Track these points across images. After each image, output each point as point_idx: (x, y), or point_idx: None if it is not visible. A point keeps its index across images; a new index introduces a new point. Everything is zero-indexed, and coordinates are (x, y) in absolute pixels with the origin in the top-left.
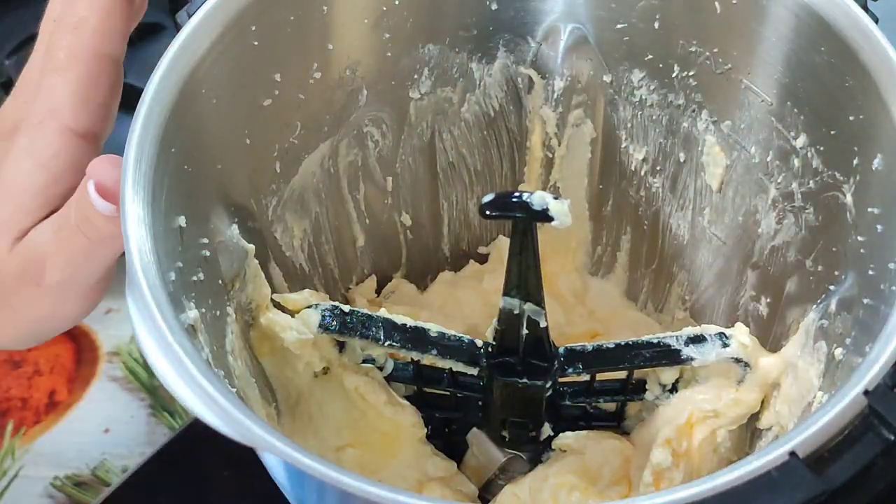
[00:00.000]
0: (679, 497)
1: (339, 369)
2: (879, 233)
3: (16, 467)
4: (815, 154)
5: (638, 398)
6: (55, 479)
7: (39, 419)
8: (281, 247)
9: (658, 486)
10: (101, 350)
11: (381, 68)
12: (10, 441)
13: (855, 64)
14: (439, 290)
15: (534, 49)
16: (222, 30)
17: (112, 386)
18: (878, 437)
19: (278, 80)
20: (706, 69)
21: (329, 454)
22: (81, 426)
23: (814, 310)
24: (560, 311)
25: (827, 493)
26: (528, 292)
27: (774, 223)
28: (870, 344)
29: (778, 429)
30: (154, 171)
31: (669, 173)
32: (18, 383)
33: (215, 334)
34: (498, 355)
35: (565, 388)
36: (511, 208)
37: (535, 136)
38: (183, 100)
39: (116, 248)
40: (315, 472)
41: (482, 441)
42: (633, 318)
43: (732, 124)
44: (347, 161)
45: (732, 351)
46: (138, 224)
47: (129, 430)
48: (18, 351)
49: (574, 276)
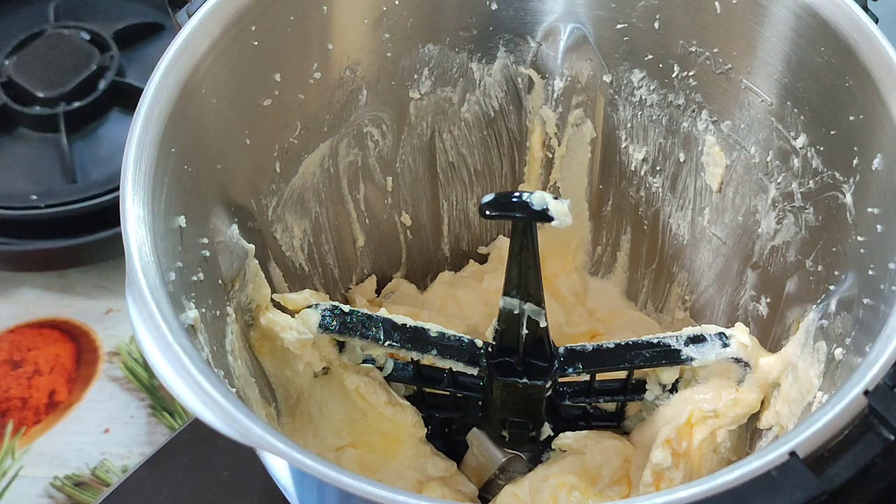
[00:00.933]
0: (679, 497)
1: (340, 369)
2: (879, 233)
3: (16, 467)
4: (815, 154)
5: (638, 398)
6: (55, 479)
7: (39, 419)
8: (281, 247)
9: (658, 486)
10: (101, 350)
11: (381, 68)
12: (10, 441)
13: (855, 64)
14: (439, 290)
15: (534, 49)
16: (222, 30)
17: (112, 386)
18: (878, 437)
19: (278, 80)
20: (706, 69)
21: (329, 454)
22: (81, 426)
23: (814, 310)
24: (560, 311)
25: (827, 493)
26: (528, 292)
27: (774, 223)
28: (870, 344)
29: (778, 429)
30: (154, 171)
31: (669, 173)
32: (18, 383)
33: (215, 334)
34: (498, 355)
35: (565, 388)
36: (511, 208)
37: (535, 136)
38: (183, 100)
39: None
40: (315, 472)
41: (482, 441)
42: (633, 318)
43: (732, 124)
44: (347, 161)
45: (732, 351)
46: (138, 224)
47: (129, 430)
48: (18, 351)
49: (574, 276)
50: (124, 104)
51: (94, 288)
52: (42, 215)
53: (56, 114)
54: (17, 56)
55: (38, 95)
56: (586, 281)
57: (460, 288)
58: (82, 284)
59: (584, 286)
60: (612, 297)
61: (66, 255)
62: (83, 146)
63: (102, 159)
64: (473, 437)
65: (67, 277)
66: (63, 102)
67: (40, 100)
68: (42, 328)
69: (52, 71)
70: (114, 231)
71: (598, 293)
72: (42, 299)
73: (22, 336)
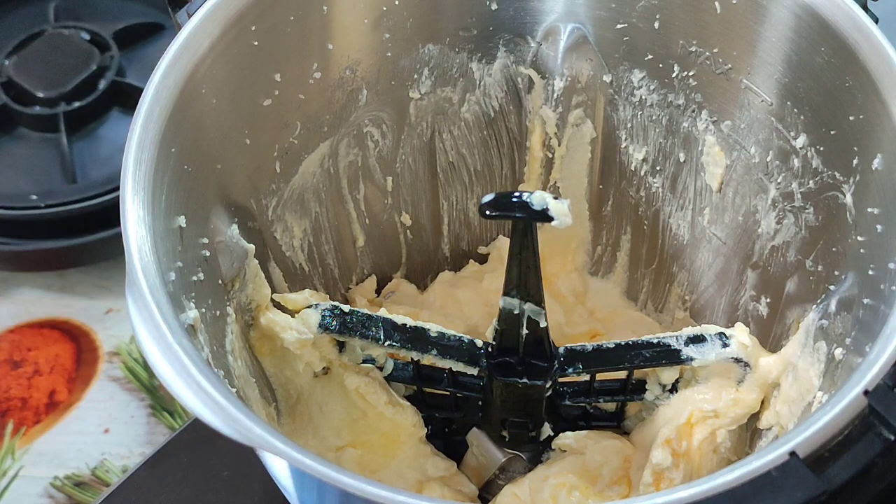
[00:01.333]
0: (679, 497)
1: (340, 369)
2: (879, 233)
3: (16, 467)
4: (815, 154)
5: (638, 398)
6: (55, 479)
7: (39, 419)
8: (281, 247)
9: (658, 486)
10: (101, 350)
11: (381, 68)
12: (10, 441)
13: (855, 64)
14: (439, 289)
15: (534, 49)
16: (222, 30)
17: (112, 386)
18: (878, 437)
19: (278, 80)
20: (706, 69)
21: (329, 454)
22: (81, 426)
23: (814, 310)
24: (560, 311)
25: (827, 493)
26: (528, 292)
27: (774, 223)
28: (870, 344)
29: (778, 429)
30: (154, 171)
31: (669, 173)
32: (18, 383)
33: (215, 334)
34: (498, 355)
35: (565, 388)
36: (511, 208)
37: (535, 136)
38: (183, 100)
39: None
40: (315, 472)
41: (482, 441)
42: (633, 318)
43: (732, 124)
44: (347, 161)
45: (732, 351)
46: (138, 224)
47: (129, 430)
48: (18, 351)
49: (574, 276)
50: (124, 104)
51: (94, 288)
52: (42, 215)
53: (56, 114)
54: (17, 56)
55: (38, 95)
56: (586, 281)
57: (460, 288)
58: (82, 284)
59: (584, 286)
60: (612, 297)
61: (66, 255)
62: (83, 146)
63: (102, 159)
64: (473, 437)
65: (67, 277)
66: (63, 102)
67: (40, 100)
68: (42, 328)
69: (52, 71)
70: (114, 231)
71: (598, 293)
72: (42, 299)
73: (22, 336)
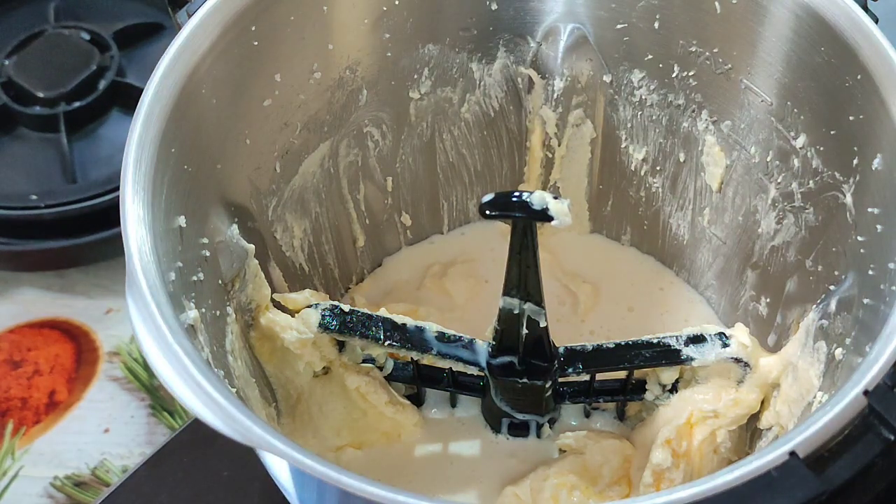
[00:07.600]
0: (679, 497)
1: (340, 369)
2: (879, 233)
3: (16, 467)
4: (815, 154)
5: (638, 398)
6: (55, 479)
7: (39, 419)
8: (281, 247)
9: (658, 487)
10: (101, 350)
11: (381, 68)
12: (10, 441)
13: (855, 64)
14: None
15: (534, 49)
16: (222, 30)
17: (112, 386)
18: (878, 437)
19: (278, 80)
20: (706, 69)
21: (329, 454)
22: (81, 426)
23: (814, 310)
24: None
25: (827, 493)
26: (527, 292)
27: (774, 223)
28: (870, 344)
29: (778, 429)
30: (154, 171)
31: (669, 173)
32: (18, 383)
33: (215, 334)
34: (498, 355)
35: (565, 388)
36: (511, 208)
37: (535, 136)
38: (183, 100)
39: None
40: (315, 472)
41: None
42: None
43: (732, 124)
44: (347, 161)
45: (732, 351)
46: (138, 224)
47: (129, 430)
48: (18, 351)
49: None
50: (124, 104)
51: (94, 288)
52: (42, 215)
53: (56, 114)
54: (17, 56)
55: (38, 95)
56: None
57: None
58: (82, 284)
59: None
60: None
61: (66, 255)
62: (83, 146)
63: (102, 159)
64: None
65: (67, 277)
66: (63, 102)
67: (40, 100)
68: (42, 328)
69: (52, 71)
70: (114, 231)
71: None
72: (42, 299)
73: (22, 336)
